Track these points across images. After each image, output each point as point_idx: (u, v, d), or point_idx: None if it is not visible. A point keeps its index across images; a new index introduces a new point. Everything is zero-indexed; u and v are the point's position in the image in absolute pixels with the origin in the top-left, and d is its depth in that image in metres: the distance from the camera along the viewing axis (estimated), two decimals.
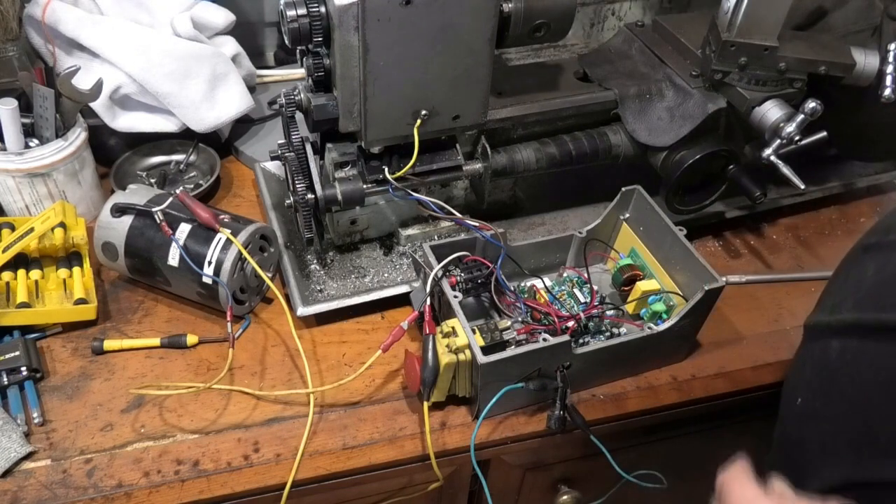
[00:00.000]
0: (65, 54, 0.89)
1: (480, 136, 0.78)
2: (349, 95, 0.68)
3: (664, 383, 0.73)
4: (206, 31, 0.94)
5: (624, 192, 0.78)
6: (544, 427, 0.67)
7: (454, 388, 0.66)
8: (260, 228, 0.74)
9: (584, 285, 0.77)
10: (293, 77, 1.10)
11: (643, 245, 0.77)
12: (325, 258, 0.81)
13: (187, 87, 0.89)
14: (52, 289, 0.75)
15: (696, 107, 0.79)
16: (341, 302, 0.75)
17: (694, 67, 0.82)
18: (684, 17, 0.94)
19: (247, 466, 0.63)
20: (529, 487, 0.83)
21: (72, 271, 0.76)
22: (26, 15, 0.86)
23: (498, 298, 0.71)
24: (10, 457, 0.62)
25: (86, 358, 0.71)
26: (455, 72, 0.68)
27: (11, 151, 0.77)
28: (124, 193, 0.76)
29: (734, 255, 0.89)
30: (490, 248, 0.73)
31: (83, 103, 0.81)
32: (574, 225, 0.86)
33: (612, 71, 0.86)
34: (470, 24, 0.66)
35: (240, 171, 0.97)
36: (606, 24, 1.15)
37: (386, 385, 0.71)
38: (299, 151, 0.73)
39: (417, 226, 0.82)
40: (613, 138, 0.83)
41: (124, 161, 0.92)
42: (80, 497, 0.61)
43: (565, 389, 0.64)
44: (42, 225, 0.73)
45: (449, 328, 0.63)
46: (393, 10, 0.62)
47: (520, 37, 0.72)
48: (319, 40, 0.66)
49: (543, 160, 0.81)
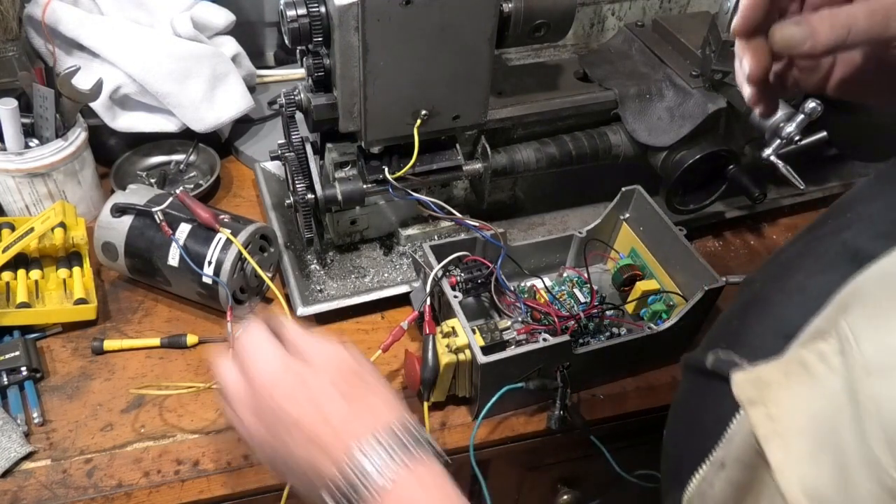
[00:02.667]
0: (65, 54, 0.89)
1: (480, 136, 0.78)
2: (349, 95, 0.68)
3: (664, 383, 0.73)
4: (206, 31, 0.94)
5: (624, 192, 0.78)
6: (544, 427, 0.67)
7: (454, 388, 0.66)
8: (260, 228, 0.74)
9: (584, 285, 0.77)
10: (293, 77, 1.10)
11: (643, 245, 0.77)
12: (325, 258, 0.81)
13: (187, 87, 0.89)
14: (52, 289, 0.75)
15: (696, 107, 0.79)
16: (341, 302, 0.75)
17: (694, 67, 0.82)
18: (684, 17, 0.94)
19: (247, 466, 0.63)
20: (529, 487, 0.83)
21: (72, 271, 0.76)
22: (26, 15, 0.86)
23: (498, 298, 0.71)
24: (10, 457, 0.62)
25: (86, 358, 0.71)
26: (455, 72, 0.68)
27: (11, 151, 0.77)
28: (124, 193, 0.76)
29: (734, 255, 0.89)
30: (490, 248, 0.73)
31: (83, 103, 0.81)
32: (574, 225, 0.86)
33: (612, 71, 0.86)
34: (470, 24, 0.66)
35: (240, 171, 0.97)
36: (606, 24, 1.15)
37: None
38: (299, 151, 0.73)
39: (417, 226, 0.82)
40: (613, 138, 0.83)
41: (124, 161, 0.92)
42: (80, 497, 0.61)
43: (565, 389, 0.64)
44: (42, 225, 0.73)
45: (449, 328, 0.63)
46: (393, 10, 0.62)
47: (520, 37, 0.72)
48: (319, 40, 0.66)
49: (543, 160, 0.81)
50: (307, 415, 0.46)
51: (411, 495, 0.43)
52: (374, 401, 0.48)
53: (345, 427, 0.45)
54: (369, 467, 0.43)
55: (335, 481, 0.43)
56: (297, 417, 0.46)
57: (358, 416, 0.46)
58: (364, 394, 0.48)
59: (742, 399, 0.37)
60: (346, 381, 0.48)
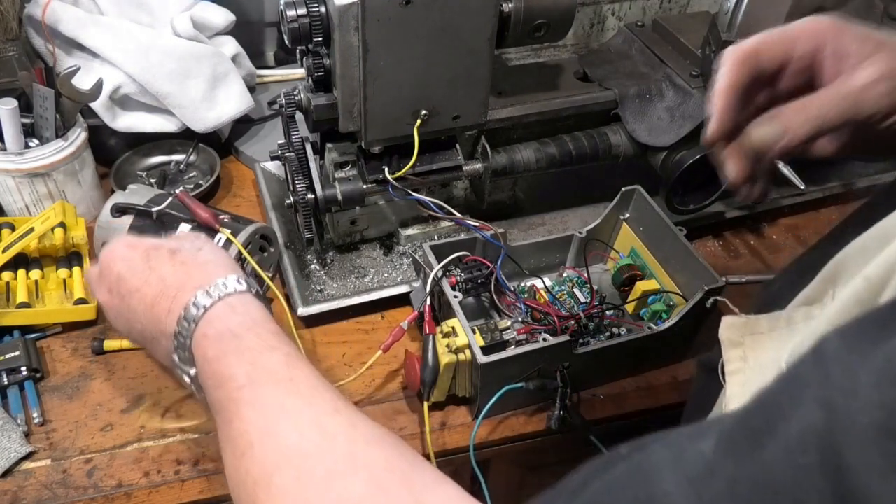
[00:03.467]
0: (65, 54, 0.89)
1: (480, 136, 0.78)
2: (349, 95, 0.68)
3: (664, 383, 0.72)
4: (206, 31, 0.94)
5: (624, 192, 0.78)
6: (544, 427, 0.67)
7: (454, 388, 0.66)
8: (260, 228, 0.74)
9: (584, 285, 0.77)
10: (293, 77, 1.10)
11: (643, 245, 0.77)
12: (325, 258, 0.81)
13: (187, 87, 0.89)
14: (52, 289, 0.75)
15: (696, 107, 0.79)
16: (341, 302, 0.75)
17: (694, 67, 0.82)
18: (684, 17, 0.94)
19: None
20: (529, 487, 0.83)
21: (72, 271, 0.76)
22: (26, 15, 0.86)
23: (498, 298, 0.71)
24: (10, 457, 0.62)
25: (86, 358, 0.71)
26: (455, 72, 0.68)
27: (11, 151, 0.77)
28: (124, 193, 0.76)
29: (734, 255, 0.89)
30: (490, 248, 0.73)
31: (83, 103, 0.81)
32: (574, 225, 0.86)
33: (612, 71, 0.86)
34: (470, 24, 0.66)
35: (240, 171, 0.97)
36: (606, 24, 1.15)
37: (386, 385, 0.71)
38: (299, 151, 0.73)
39: (417, 226, 0.82)
40: (613, 138, 0.83)
41: (124, 161, 0.92)
42: (80, 497, 0.61)
43: (565, 389, 0.64)
44: (42, 225, 0.73)
45: (449, 328, 0.63)
46: (393, 10, 0.62)
47: (520, 37, 0.72)
48: (319, 40, 0.65)
49: (543, 160, 0.81)
50: (146, 282, 0.52)
51: (218, 315, 0.47)
52: (207, 264, 0.52)
53: (179, 286, 0.50)
54: (193, 311, 0.48)
55: (173, 330, 0.48)
56: (137, 285, 0.52)
57: (190, 277, 0.50)
58: (198, 260, 0.53)
59: (724, 339, 0.40)
60: (182, 251, 0.53)
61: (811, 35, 0.43)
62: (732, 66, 0.43)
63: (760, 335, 0.39)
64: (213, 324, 0.47)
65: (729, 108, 0.44)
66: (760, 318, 0.40)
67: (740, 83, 0.43)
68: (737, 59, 0.43)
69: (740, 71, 0.43)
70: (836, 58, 0.42)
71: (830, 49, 0.42)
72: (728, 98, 0.44)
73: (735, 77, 0.43)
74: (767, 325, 0.39)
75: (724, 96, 0.44)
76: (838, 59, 0.42)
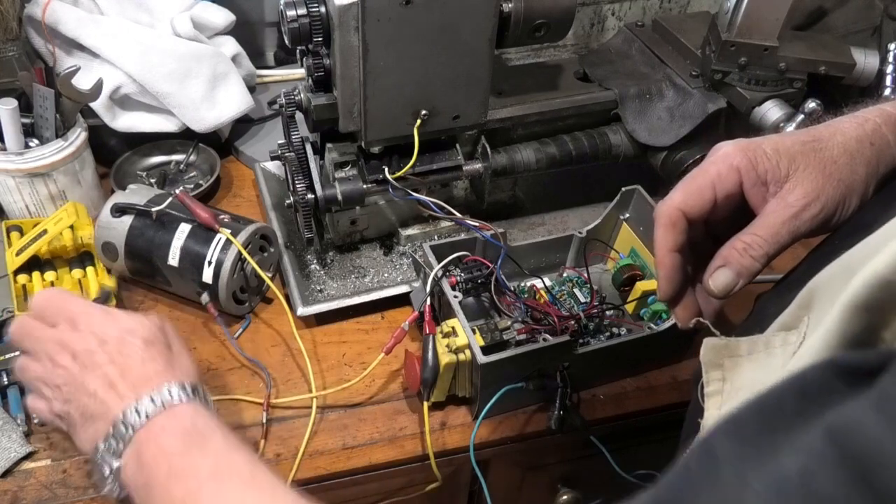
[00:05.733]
0: (65, 54, 0.89)
1: (480, 136, 0.78)
2: (349, 95, 0.68)
3: (664, 383, 0.72)
4: (206, 31, 0.94)
5: (624, 192, 0.78)
6: (544, 427, 0.67)
7: (454, 388, 0.66)
8: (260, 228, 0.74)
9: (584, 285, 0.77)
10: (293, 77, 1.10)
11: (643, 245, 0.77)
12: (325, 258, 0.81)
13: (187, 87, 0.89)
14: (68, 289, 0.75)
15: (696, 107, 0.79)
16: (341, 302, 0.75)
17: (694, 67, 0.82)
18: (684, 17, 0.94)
19: None
20: (529, 487, 0.83)
21: (85, 271, 0.76)
22: (26, 15, 0.86)
23: (498, 298, 0.71)
24: (10, 457, 0.62)
25: None
26: (455, 72, 0.68)
27: (11, 151, 0.77)
28: (124, 193, 0.76)
29: None
30: (490, 248, 0.73)
31: (83, 103, 0.81)
32: (574, 225, 0.86)
33: (612, 71, 0.86)
34: (470, 24, 0.66)
35: (240, 171, 0.97)
36: (606, 24, 1.15)
37: (386, 385, 0.71)
38: (299, 151, 0.73)
39: (417, 226, 0.82)
40: (613, 138, 0.83)
41: (124, 161, 0.92)
42: (80, 497, 0.61)
43: (565, 389, 0.64)
44: (55, 227, 0.73)
45: (449, 328, 0.64)
46: (393, 10, 0.62)
47: (520, 37, 0.72)
48: (319, 40, 0.66)
49: (543, 160, 0.81)
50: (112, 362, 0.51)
51: (163, 424, 0.47)
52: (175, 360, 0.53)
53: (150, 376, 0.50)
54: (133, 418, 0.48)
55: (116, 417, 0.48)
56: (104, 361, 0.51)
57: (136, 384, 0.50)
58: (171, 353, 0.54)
59: (704, 361, 0.42)
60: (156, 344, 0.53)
61: (727, 174, 0.45)
62: (665, 231, 0.47)
63: (739, 358, 0.41)
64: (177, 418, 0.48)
65: (674, 270, 0.47)
66: (741, 342, 0.41)
67: (676, 245, 0.47)
68: (667, 223, 0.46)
69: (673, 234, 0.46)
70: (757, 187, 0.45)
71: (749, 182, 0.45)
72: (671, 261, 0.47)
73: (671, 241, 0.46)
74: (746, 349, 0.41)
75: (667, 260, 0.47)
76: (761, 186, 0.45)
